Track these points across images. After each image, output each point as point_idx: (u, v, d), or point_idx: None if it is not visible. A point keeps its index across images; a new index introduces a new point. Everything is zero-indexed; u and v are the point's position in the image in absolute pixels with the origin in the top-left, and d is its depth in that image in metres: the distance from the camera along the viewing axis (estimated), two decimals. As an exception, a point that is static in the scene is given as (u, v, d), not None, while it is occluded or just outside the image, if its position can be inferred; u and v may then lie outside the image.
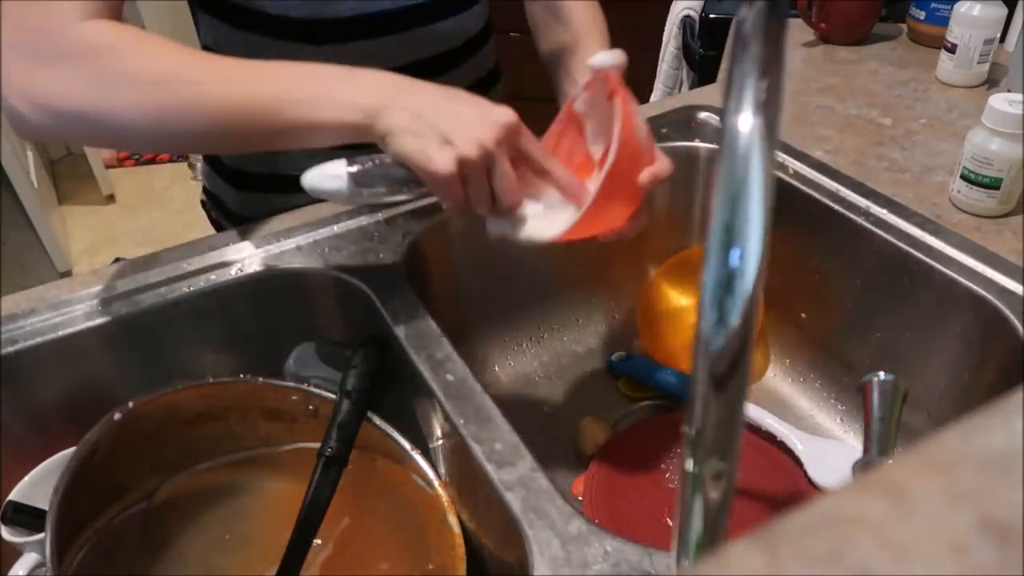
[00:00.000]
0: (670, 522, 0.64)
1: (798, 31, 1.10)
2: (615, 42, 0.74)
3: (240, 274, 0.66)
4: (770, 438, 0.71)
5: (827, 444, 0.71)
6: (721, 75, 1.19)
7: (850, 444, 0.73)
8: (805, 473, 0.68)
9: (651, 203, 0.88)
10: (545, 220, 0.56)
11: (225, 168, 0.81)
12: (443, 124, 0.51)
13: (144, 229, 2.39)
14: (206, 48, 0.74)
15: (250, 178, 0.79)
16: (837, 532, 0.18)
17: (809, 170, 0.77)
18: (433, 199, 0.74)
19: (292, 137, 0.54)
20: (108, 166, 2.59)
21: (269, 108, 0.53)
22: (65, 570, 0.51)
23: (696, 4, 1.42)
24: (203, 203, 0.89)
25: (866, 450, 0.60)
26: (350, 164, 0.53)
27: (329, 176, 0.53)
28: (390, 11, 0.70)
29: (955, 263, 0.65)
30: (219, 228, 0.87)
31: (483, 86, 0.82)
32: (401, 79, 0.54)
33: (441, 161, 0.50)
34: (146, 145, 0.57)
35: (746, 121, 0.27)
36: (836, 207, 0.72)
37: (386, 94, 0.52)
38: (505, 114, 0.52)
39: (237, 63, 0.54)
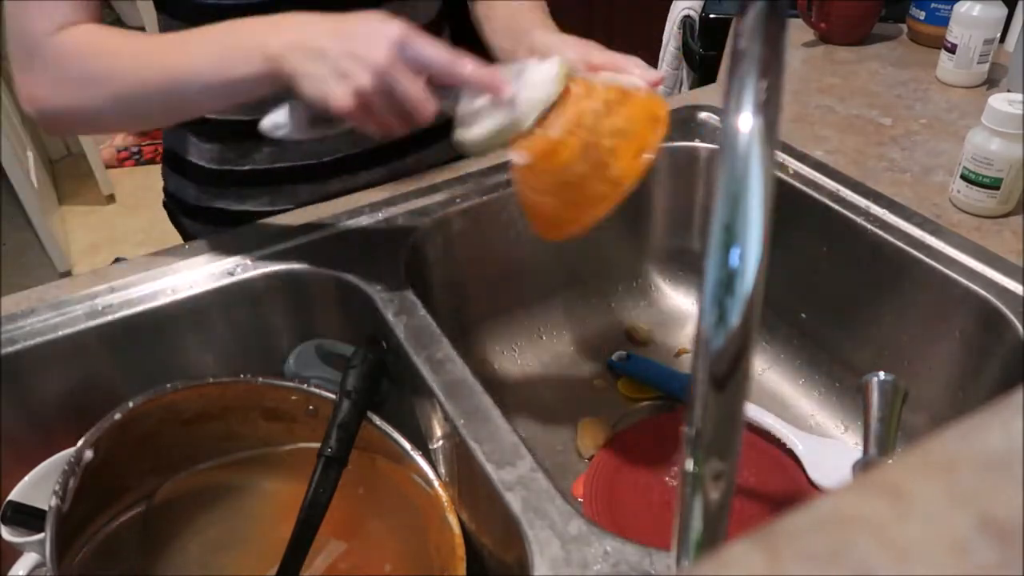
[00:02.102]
0: (670, 522, 0.64)
1: (798, 31, 1.10)
2: (615, 44, 0.74)
3: (240, 274, 0.66)
4: (770, 438, 0.71)
5: (827, 444, 0.71)
6: (721, 75, 1.19)
7: (850, 444, 0.73)
8: (805, 473, 0.68)
9: (651, 202, 0.88)
10: (479, 121, 0.55)
11: (185, 166, 0.82)
12: (337, 58, 0.52)
13: (144, 229, 2.38)
14: None
15: (206, 173, 0.80)
16: (837, 532, 0.18)
17: (809, 170, 0.77)
18: (429, 200, 0.75)
19: (218, 96, 0.59)
20: (108, 166, 2.59)
21: (184, 79, 0.58)
22: (65, 570, 0.51)
23: (696, 4, 1.42)
24: (165, 204, 0.89)
25: (866, 450, 0.60)
26: (291, 111, 0.57)
27: (274, 124, 0.58)
28: None
29: (955, 263, 0.65)
30: (182, 230, 0.87)
31: None
32: (295, 16, 0.56)
33: (339, 97, 0.52)
34: (123, 128, 0.71)
35: (746, 121, 0.27)
36: (836, 207, 0.72)
37: (284, 36, 0.55)
38: (392, 30, 0.52)
39: (153, 42, 0.62)
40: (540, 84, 0.53)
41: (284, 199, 0.80)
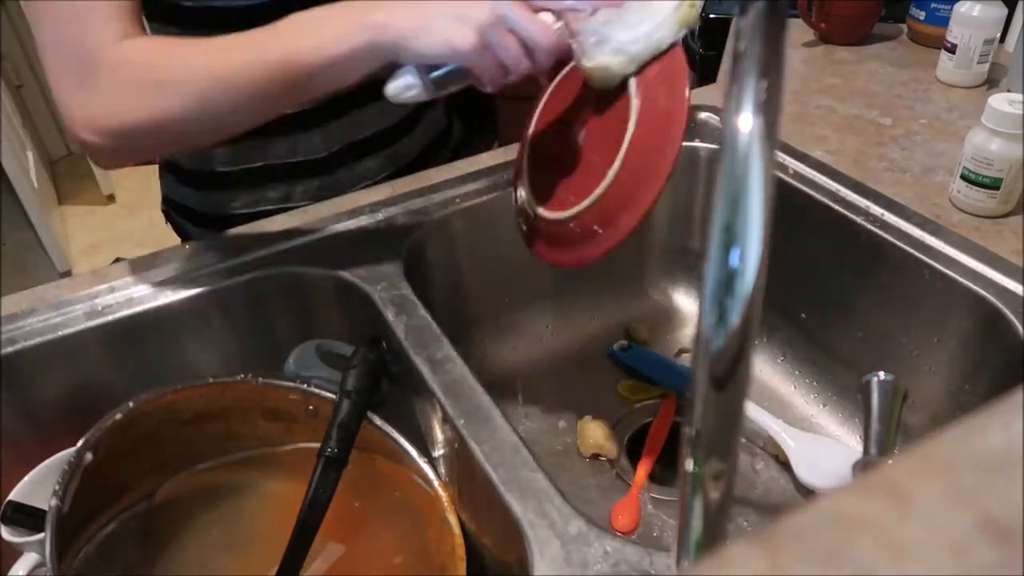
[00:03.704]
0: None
1: (798, 31, 1.10)
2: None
3: (240, 274, 0.66)
4: None
5: (820, 442, 0.70)
6: (721, 75, 1.19)
7: (850, 444, 0.73)
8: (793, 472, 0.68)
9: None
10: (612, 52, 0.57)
11: (186, 173, 0.81)
12: (446, 8, 0.53)
13: (144, 229, 2.38)
14: None
15: (213, 178, 0.80)
16: (837, 532, 0.18)
17: (809, 170, 0.77)
18: (429, 200, 0.75)
19: (320, 81, 0.56)
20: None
21: (288, 65, 0.55)
22: (65, 570, 0.51)
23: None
24: (165, 213, 0.88)
25: (866, 450, 0.60)
26: (417, 71, 0.57)
27: (404, 87, 0.57)
28: None
29: (955, 263, 0.65)
30: (183, 235, 0.87)
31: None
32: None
33: (461, 38, 0.52)
34: (198, 138, 0.61)
35: (746, 121, 0.27)
36: (836, 207, 0.72)
37: (384, 9, 0.54)
38: None
39: (251, 33, 0.56)
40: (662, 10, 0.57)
41: (298, 195, 0.80)
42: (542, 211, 0.63)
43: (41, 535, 0.48)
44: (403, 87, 0.57)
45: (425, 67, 0.57)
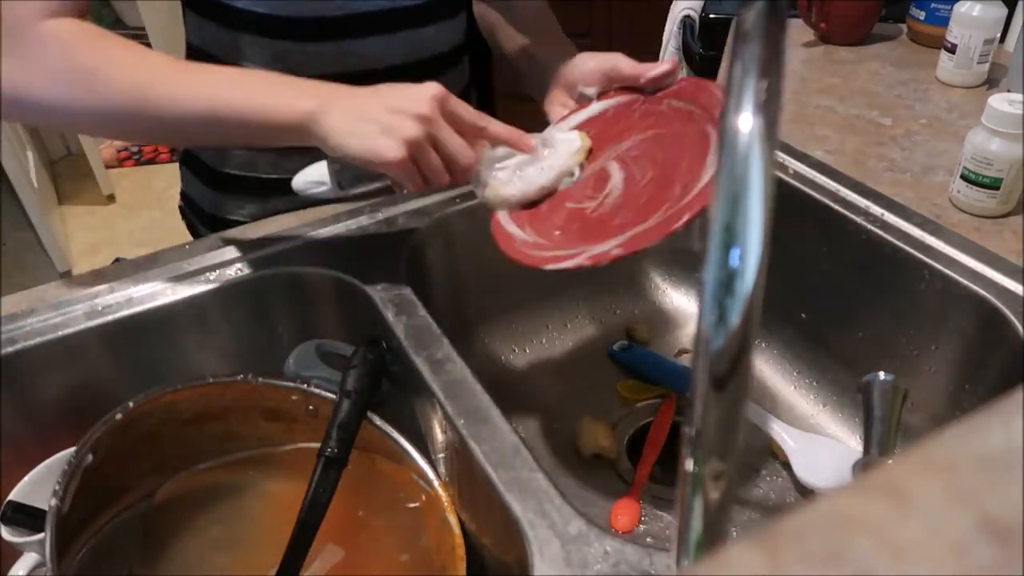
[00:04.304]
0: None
1: (798, 31, 1.10)
2: (616, 44, 0.74)
3: (240, 274, 0.66)
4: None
5: (820, 442, 0.70)
6: (721, 75, 1.19)
7: (850, 444, 0.73)
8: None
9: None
10: (512, 183, 0.61)
11: (203, 169, 0.81)
12: (378, 115, 0.53)
13: (144, 229, 2.38)
14: (191, 47, 0.75)
15: (227, 180, 0.80)
16: (837, 532, 0.18)
17: (809, 170, 0.77)
18: (429, 200, 0.75)
19: (236, 132, 0.57)
20: (108, 166, 2.59)
21: (209, 109, 0.56)
22: (65, 570, 0.51)
23: (696, 4, 1.42)
24: (180, 208, 0.89)
25: (866, 450, 0.60)
26: (331, 165, 0.58)
27: (314, 181, 0.59)
28: (377, 12, 0.70)
29: (955, 263, 0.65)
30: (195, 234, 0.86)
31: (464, 96, 0.84)
32: (337, 85, 0.56)
33: (389, 148, 0.53)
34: (99, 132, 0.65)
35: (746, 121, 0.27)
36: (836, 207, 0.72)
37: (321, 97, 0.55)
38: (430, 87, 0.55)
39: (187, 65, 0.59)
40: (566, 154, 0.61)
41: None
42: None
43: (41, 535, 0.48)
44: (309, 183, 0.59)
45: (338, 163, 0.58)
